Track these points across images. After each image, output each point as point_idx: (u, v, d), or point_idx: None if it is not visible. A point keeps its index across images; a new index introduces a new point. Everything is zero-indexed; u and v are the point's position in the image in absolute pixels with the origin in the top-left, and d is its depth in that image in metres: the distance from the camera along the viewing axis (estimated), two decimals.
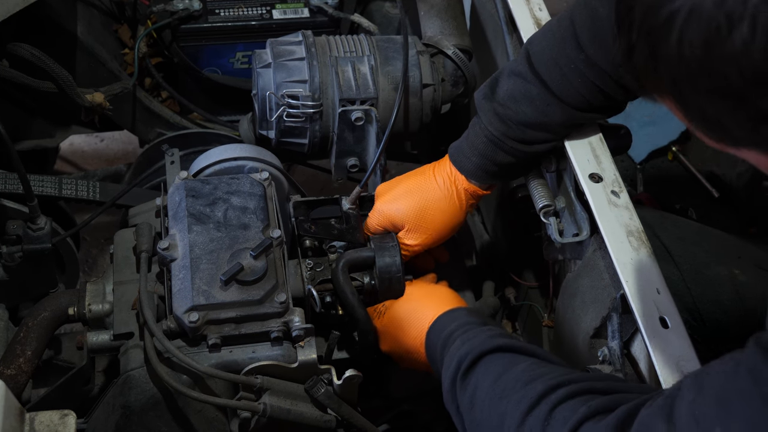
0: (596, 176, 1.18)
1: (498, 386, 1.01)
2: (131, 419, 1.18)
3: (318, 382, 1.18)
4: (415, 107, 1.46)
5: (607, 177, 1.18)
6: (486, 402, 1.01)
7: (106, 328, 1.26)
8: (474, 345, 1.08)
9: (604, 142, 1.23)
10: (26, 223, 1.45)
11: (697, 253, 1.29)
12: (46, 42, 1.65)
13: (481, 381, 1.04)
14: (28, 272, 1.48)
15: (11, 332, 1.43)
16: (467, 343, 1.09)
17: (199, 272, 1.16)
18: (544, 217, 1.25)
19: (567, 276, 1.26)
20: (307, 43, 1.44)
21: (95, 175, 2.04)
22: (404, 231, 1.30)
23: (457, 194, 1.28)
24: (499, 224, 1.67)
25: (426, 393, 1.38)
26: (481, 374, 1.05)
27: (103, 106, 1.73)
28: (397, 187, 1.31)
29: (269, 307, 1.16)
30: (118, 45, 1.91)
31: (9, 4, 1.46)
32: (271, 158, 1.44)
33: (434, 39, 1.53)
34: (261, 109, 1.45)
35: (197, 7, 1.80)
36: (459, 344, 1.10)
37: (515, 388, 0.99)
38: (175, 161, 1.44)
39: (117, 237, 1.34)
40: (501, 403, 0.99)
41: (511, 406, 0.97)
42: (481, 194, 1.29)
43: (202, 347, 1.16)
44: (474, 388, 1.04)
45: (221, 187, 1.27)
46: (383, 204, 1.31)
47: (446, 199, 1.28)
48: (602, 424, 0.86)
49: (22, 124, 1.76)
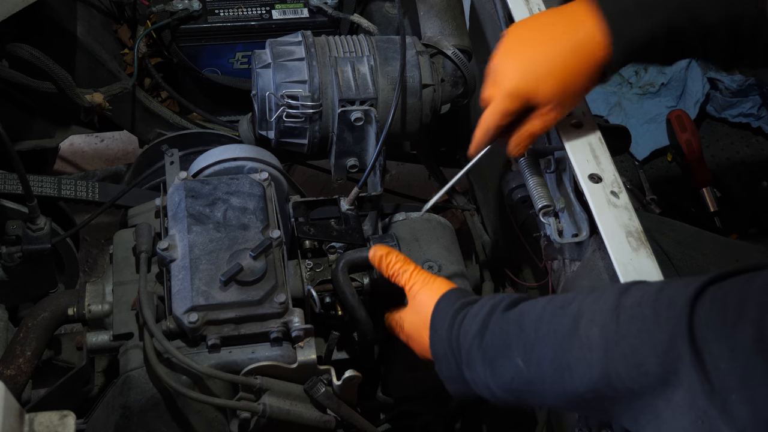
0: (596, 176, 1.18)
1: (555, 302, 0.95)
2: (131, 420, 1.18)
3: (317, 382, 1.18)
4: (415, 107, 1.46)
5: (607, 177, 1.18)
6: (544, 317, 0.94)
7: (106, 329, 1.26)
8: (504, 295, 1.03)
9: (603, 143, 1.23)
10: (26, 224, 1.45)
11: (695, 257, 1.28)
12: (46, 42, 1.65)
13: (528, 307, 0.98)
14: (27, 273, 1.48)
15: (11, 332, 1.44)
16: (492, 299, 1.04)
17: (198, 273, 1.16)
18: (544, 218, 1.25)
19: (566, 276, 1.26)
20: (306, 44, 1.44)
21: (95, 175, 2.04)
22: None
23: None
24: (499, 224, 1.67)
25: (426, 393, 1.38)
26: (528, 305, 0.99)
27: (102, 106, 1.73)
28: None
29: (269, 307, 1.16)
30: (117, 45, 1.91)
31: (9, 4, 1.46)
32: (271, 158, 1.44)
33: (434, 39, 1.53)
34: (260, 109, 1.45)
35: (197, 8, 1.80)
36: (483, 303, 1.05)
37: (581, 295, 0.93)
38: (175, 161, 1.44)
39: (116, 237, 1.35)
40: (566, 310, 0.92)
41: (587, 304, 0.91)
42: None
43: (201, 348, 1.16)
44: (519, 315, 0.98)
45: (221, 188, 1.27)
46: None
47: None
48: (739, 280, 0.79)
49: (22, 124, 1.76)
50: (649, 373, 0.83)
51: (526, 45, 1.14)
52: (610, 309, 0.88)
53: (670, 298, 0.83)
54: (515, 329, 0.98)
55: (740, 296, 0.77)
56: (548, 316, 0.95)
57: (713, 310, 0.79)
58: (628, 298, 0.88)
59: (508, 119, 1.16)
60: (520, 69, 1.13)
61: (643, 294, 0.87)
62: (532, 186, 1.27)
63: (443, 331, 1.08)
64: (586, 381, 0.89)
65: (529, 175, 1.28)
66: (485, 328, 1.01)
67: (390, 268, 1.18)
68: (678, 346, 0.80)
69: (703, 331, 0.78)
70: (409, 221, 1.47)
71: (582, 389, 0.90)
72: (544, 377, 0.94)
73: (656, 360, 0.82)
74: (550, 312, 0.95)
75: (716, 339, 0.77)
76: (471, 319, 1.04)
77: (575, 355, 0.90)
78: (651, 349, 0.83)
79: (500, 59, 1.16)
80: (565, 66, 1.12)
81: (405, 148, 1.91)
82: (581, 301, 0.93)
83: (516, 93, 1.14)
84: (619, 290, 0.90)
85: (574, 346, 0.90)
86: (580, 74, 1.12)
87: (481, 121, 1.18)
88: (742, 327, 0.75)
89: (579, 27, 1.11)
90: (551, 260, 1.34)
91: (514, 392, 1.00)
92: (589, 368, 0.88)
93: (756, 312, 0.75)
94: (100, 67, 1.77)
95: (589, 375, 0.88)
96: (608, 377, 0.87)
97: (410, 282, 1.16)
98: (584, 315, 0.90)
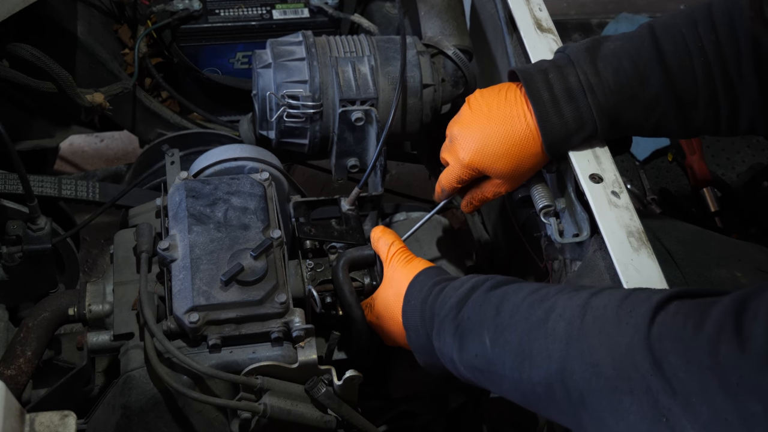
0: (596, 177, 1.18)
1: (537, 294, 0.97)
2: (131, 420, 1.18)
3: (318, 382, 1.18)
4: (415, 107, 1.46)
5: (608, 177, 1.18)
6: (521, 306, 0.97)
7: (107, 329, 1.26)
8: (489, 276, 1.06)
9: (604, 143, 1.23)
10: (26, 224, 1.45)
11: (698, 256, 1.29)
12: (47, 42, 1.65)
13: (511, 292, 1.01)
14: (28, 273, 1.48)
15: (11, 332, 1.44)
16: (477, 277, 1.07)
17: (199, 273, 1.16)
18: (545, 218, 1.25)
19: (567, 277, 1.26)
20: (307, 44, 1.44)
21: (95, 175, 2.04)
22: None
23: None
24: (499, 224, 1.67)
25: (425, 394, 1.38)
26: (512, 289, 1.01)
27: (103, 106, 1.72)
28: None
29: (269, 307, 1.16)
30: (118, 45, 1.91)
31: (9, 4, 1.46)
32: (272, 158, 1.44)
33: (434, 39, 1.53)
34: (261, 109, 1.45)
35: (197, 7, 1.80)
36: (465, 279, 1.08)
37: (563, 291, 0.95)
38: (175, 161, 1.44)
39: (117, 237, 1.34)
40: (543, 303, 0.95)
41: (562, 300, 0.93)
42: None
43: (202, 348, 1.16)
44: (501, 298, 1.01)
45: (221, 188, 1.27)
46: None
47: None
48: (706, 301, 0.81)
49: (22, 124, 1.76)
50: (601, 375, 0.85)
51: (486, 121, 1.22)
52: (579, 306, 0.91)
53: (633, 305, 0.86)
54: (492, 310, 1.00)
55: (701, 314, 0.80)
56: (526, 305, 0.97)
57: (674, 323, 0.82)
58: (598, 299, 0.90)
59: (462, 184, 1.27)
60: (476, 146, 1.22)
61: (611, 297, 0.89)
62: (532, 186, 1.27)
63: (417, 301, 1.12)
64: (542, 372, 0.91)
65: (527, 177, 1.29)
66: (464, 302, 1.05)
67: (381, 243, 1.24)
68: (634, 353, 0.83)
69: (662, 341, 0.81)
70: (410, 221, 1.47)
71: (537, 380, 0.92)
72: (505, 361, 0.97)
73: (611, 363, 0.85)
74: (529, 303, 0.97)
75: (673, 350, 0.80)
76: (451, 291, 1.08)
77: (538, 346, 0.92)
78: (608, 351, 0.85)
79: (460, 130, 1.24)
80: (518, 150, 1.21)
81: (405, 148, 1.91)
82: (558, 297, 0.95)
83: (471, 166, 1.23)
84: (593, 291, 0.93)
85: (539, 336, 0.93)
86: (530, 158, 1.21)
87: (440, 179, 1.30)
88: (698, 343, 0.78)
89: (524, 117, 1.20)
90: (552, 260, 1.34)
91: (475, 370, 1.02)
92: (548, 360, 0.91)
93: (712, 331, 0.78)
94: (101, 67, 1.77)
95: (546, 367, 0.91)
96: (563, 372, 0.89)
97: (392, 258, 1.21)
98: (555, 309, 0.93)
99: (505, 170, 1.22)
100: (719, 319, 0.78)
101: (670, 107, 1.19)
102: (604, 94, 1.17)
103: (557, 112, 1.18)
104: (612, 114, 1.18)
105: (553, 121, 1.18)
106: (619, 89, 1.17)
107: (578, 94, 1.18)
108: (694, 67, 1.16)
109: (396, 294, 1.17)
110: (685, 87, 1.17)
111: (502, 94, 1.22)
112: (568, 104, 1.18)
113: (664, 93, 1.18)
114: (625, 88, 1.17)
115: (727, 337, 0.77)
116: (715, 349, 0.77)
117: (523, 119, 1.19)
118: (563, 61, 1.21)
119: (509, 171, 1.22)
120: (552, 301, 0.95)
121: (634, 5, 3.05)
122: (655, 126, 1.22)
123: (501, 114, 1.20)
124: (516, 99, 1.21)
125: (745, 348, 0.75)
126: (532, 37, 1.37)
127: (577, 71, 1.18)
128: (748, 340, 0.75)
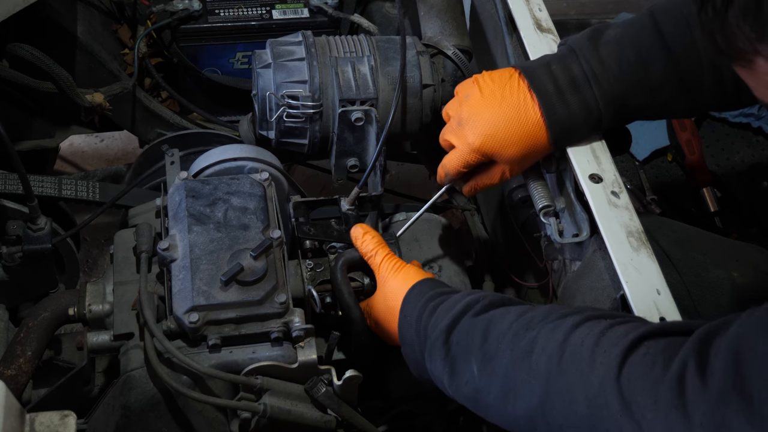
0: (596, 177, 1.18)
1: (523, 320, 0.98)
2: (131, 420, 1.18)
3: (318, 382, 1.18)
4: (415, 107, 1.46)
5: (607, 177, 1.18)
6: (507, 334, 0.98)
7: (107, 329, 1.26)
8: (481, 296, 1.06)
9: (604, 143, 1.23)
10: (26, 224, 1.45)
11: (695, 257, 1.29)
12: (46, 42, 1.65)
13: (498, 317, 1.01)
14: (28, 273, 1.48)
15: (11, 332, 1.44)
16: (470, 296, 1.07)
17: (199, 273, 1.16)
18: (544, 218, 1.25)
19: (567, 277, 1.26)
20: (307, 44, 1.44)
21: (95, 175, 2.04)
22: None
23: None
24: (499, 224, 1.67)
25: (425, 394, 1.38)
26: (499, 313, 1.02)
27: (103, 106, 1.73)
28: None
29: (269, 307, 1.16)
30: (118, 45, 1.91)
31: (9, 4, 1.46)
32: (271, 159, 1.44)
33: (434, 39, 1.53)
34: (261, 109, 1.45)
35: (197, 8, 1.80)
36: (458, 298, 1.08)
37: (548, 319, 0.96)
38: (175, 161, 1.44)
39: (117, 237, 1.34)
40: (528, 333, 0.96)
41: (545, 331, 0.94)
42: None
43: (202, 348, 1.16)
44: (488, 323, 1.01)
45: (221, 188, 1.27)
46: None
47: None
48: (676, 340, 0.83)
49: (22, 124, 1.76)
50: (577, 413, 0.87)
51: (498, 106, 1.20)
52: (559, 342, 0.92)
53: (608, 344, 0.88)
54: (480, 337, 1.01)
55: (669, 354, 0.82)
56: (511, 334, 0.98)
57: (644, 363, 0.84)
58: (576, 336, 0.92)
59: (468, 168, 1.24)
60: (488, 130, 1.19)
61: (588, 334, 0.91)
62: (532, 186, 1.27)
63: (412, 318, 1.12)
64: (525, 406, 0.93)
65: (529, 175, 1.29)
66: (454, 326, 1.05)
67: (364, 246, 1.23)
68: (606, 393, 0.85)
69: (631, 382, 0.83)
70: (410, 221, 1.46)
71: (520, 413, 0.94)
72: (491, 392, 0.98)
73: (585, 402, 0.87)
74: (514, 331, 0.98)
75: (641, 391, 0.82)
76: (443, 313, 1.07)
77: (522, 379, 0.94)
78: (582, 390, 0.87)
79: (470, 113, 1.21)
80: (530, 137, 1.19)
81: (405, 148, 1.91)
82: (543, 325, 0.96)
83: (480, 151, 1.21)
84: (572, 324, 0.94)
85: (523, 369, 0.94)
86: (539, 147, 1.20)
87: (444, 163, 1.26)
88: (664, 383, 0.80)
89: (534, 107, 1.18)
90: (552, 260, 1.34)
91: (464, 397, 1.03)
92: (530, 394, 0.93)
93: (678, 369, 0.80)
94: (101, 67, 1.77)
95: (529, 401, 0.93)
96: (544, 407, 0.91)
97: (380, 267, 1.20)
98: (538, 342, 0.94)
99: (514, 156, 1.20)
100: (684, 357, 0.80)
101: (676, 89, 1.18)
102: (609, 83, 1.17)
103: (563, 103, 1.17)
104: (618, 101, 1.18)
105: (559, 113, 1.17)
106: (624, 76, 1.17)
107: (583, 84, 1.17)
108: (696, 45, 1.15)
109: (390, 308, 1.17)
110: (690, 68, 1.17)
111: (514, 81, 1.21)
112: (573, 95, 1.17)
113: (669, 76, 1.17)
114: (629, 75, 1.17)
115: (691, 375, 0.78)
116: (680, 388, 0.79)
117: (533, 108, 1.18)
118: (565, 51, 1.21)
119: (519, 157, 1.21)
120: (536, 330, 0.96)
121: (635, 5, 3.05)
122: (662, 108, 1.22)
123: (514, 100, 1.19)
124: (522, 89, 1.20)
125: (707, 384, 0.77)
126: (532, 37, 1.37)
127: (580, 61, 1.18)
128: (710, 377, 0.77)
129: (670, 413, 0.79)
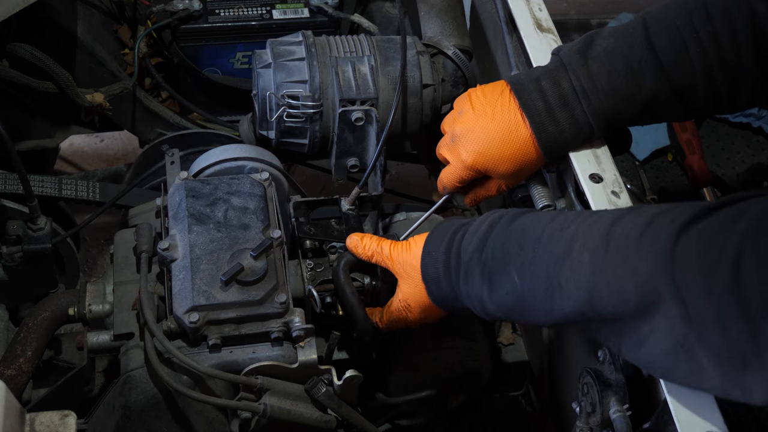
0: (596, 176, 1.18)
1: (555, 223, 0.99)
2: (131, 420, 1.18)
3: (318, 382, 1.18)
4: (415, 107, 1.47)
5: (608, 177, 1.18)
6: (542, 238, 0.98)
7: (107, 329, 1.26)
8: (503, 212, 1.07)
9: (604, 143, 1.23)
10: (26, 224, 1.45)
11: None
12: (46, 42, 1.65)
13: (529, 224, 1.02)
14: (28, 273, 1.48)
15: (11, 332, 1.44)
16: (492, 215, 1.07)
17: (199, 273, 1.16)
18: None
19: None
20: (307, 44, 1.44)
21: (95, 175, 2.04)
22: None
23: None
24: None
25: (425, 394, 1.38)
26: (529, 221, 1.03)
27: (103, 106, 1.73)
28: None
29: (269, 307, 1.16)
30: (118, 45, 1.91)
31: (9, 4, 1.46)
32: (272, 158, 1.44)
33: (434, 39, 1.53)
34: (261, 109, 1.45)
35: (197, 7, 1.80)
36: (482, 219, 1.08)
37: (582, 217, 0.97)
38: (175, 161, 1.44)
39: (117, 237, 1.34)
40: (564, 233, 0.96)
41: (584, 228, 0.94)
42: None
43: (202, 348, 1.16)
44: (521, 232, 1.02)
45: (221, 188, 1.27)
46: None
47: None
48: (727, 222, 0.81)
49: (22, 124, 1.76)
50: (628, 301, 0.87)
51: (490, 123, 1.21)
52: (601, 236, 0.92)
53: (655, 232, 0.87)
54: (515, 247, 1.02)
55: (723, 238, 0.80)
56: (546, 237, 0.99)
57: (697, 248, 0.82)
58: (619, 227, 0.91)
59: (463, 184, 1.27)
60: (479, 148, 1.22)
61: (633, 225, 0.90)
62: (532, 186, 1.28)
63: (439, 252, 1.12)
64: (573, 302, 0.94)
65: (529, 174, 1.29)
66: (484, 243, 1.05)
67: (367, 249, 1.22)
68: (657, 279, 0.84)
69: (684, 267, 0.82)
70: (410, 221, 1.47)
71: (568, 310, 0.95)
72: (536, 295, 0.99)
73: (635, 289, 0.86)
74: (549, 233, 0.99)
75: (695, 277, 0.81)
76: (471, 236, 1.08)
77: (566, 277, 0.94)
78: (631, 278, 0.87)
79: (462, 130, 1.23)
80: (521, 154, 1.21)
81: (405, 148, 1.91)
82: (579, 224, 0.96)
83: (473, 167, 1.23)
84: (613, 218, 0.93)
85: (565, 268, 0.95)
86: (532, 162, 1.22)
87: (442, 178, 1.29)
88: (720, 268, 0.78)
89: (524, 124, 1.19)
90: None
91: (507, 307, 1.04)
92: (576, 290, 0.93)
93: (734, 254, 0.78)
94: (101, 67, 1.77)
95: (576, 296, 0.93)
96: (592, 301, 0.91)
97: (392, 255, 1.19)
98: (578, 239, 0.94)
99: (508, 172, 1.22)
100: (741, 241, 0.78)
101: (668, 100, 1.18)
102: (599, 98, 1.17)
103: (552, 121, 1.18)
104: (609, 114, 1.18)
105: (549, 130, 1.18)
106: (614, 91, 1.17)
107: (572, 101, 1.18)
108: (690, 58, 1.16)
109: (413, 266, 1.16)
110: (683, 79, 1.17)
111: (505, 96, 1.22)
112: (563, 111, 1.18)
113: (661, 88, 1.17)
114: (619, 90, 1.17)
115: (749, 259, 0.76)
116: (735, 273, 0.77)
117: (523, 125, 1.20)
118: (556, 65, 1.21)
119: (512, 173, 1.23)
120: (573, 229, 0.96)
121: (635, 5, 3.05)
122: (653, 118, 1.22)
123: (504, 117, 1.20)
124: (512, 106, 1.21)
125: (764, 268, 0.75)
126: (532, 37, 1.37)
127: (570, 76, 1.18)
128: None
129: (725, 298, 0.78)
